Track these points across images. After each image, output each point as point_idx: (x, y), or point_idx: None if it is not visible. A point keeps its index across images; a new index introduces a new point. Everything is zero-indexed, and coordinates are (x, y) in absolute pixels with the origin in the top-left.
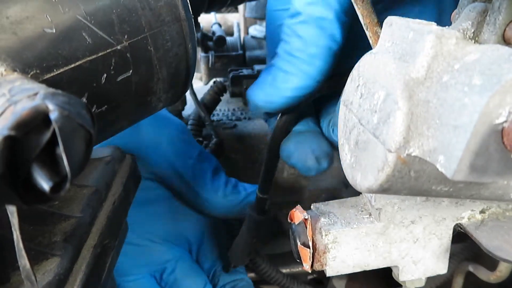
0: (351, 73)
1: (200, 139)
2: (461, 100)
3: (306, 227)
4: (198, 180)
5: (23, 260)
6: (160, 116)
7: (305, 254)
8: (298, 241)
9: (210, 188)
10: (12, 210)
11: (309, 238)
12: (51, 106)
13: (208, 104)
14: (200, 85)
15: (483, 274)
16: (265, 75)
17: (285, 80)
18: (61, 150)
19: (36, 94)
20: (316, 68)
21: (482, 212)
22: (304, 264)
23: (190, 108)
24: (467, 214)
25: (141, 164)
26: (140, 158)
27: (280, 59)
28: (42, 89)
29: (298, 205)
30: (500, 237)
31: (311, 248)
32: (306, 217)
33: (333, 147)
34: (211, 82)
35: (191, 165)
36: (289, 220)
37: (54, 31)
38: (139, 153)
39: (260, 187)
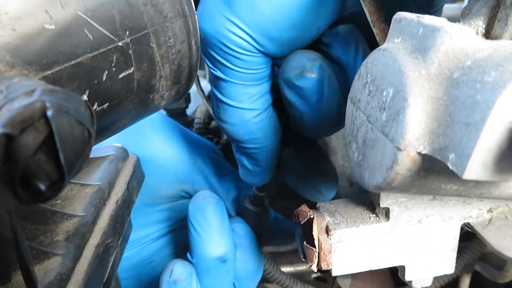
0: (358, 70)
1: (211, 136)
2: (473, 97)
3: (312, 226)
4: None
5: (23, 260)
6: (193, 138)
7: (311, 253)
8: (303, 240)
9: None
10: (10, 210)
11: (315, 237)
12: (48, 103)
13: None
14: (205, 82)
15: (490, 274)
16: (239, 167)
17: (252, 175)
18: (57, 147)
19: (33, 91)
20: (269, 162)
21: (489, 211)
22: (309, 264)
23: (193, 106)
24: (475, 213)
25: (176, 183)
26: (175, 177)
27: (241, 156)
28: (40, 86)
29: (304, 204)
30: (508, 237)
31: (316, 247)
32: (312, 216)
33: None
34: None
35: (227, 183)
36: (294, 219)
37: (54, 27)
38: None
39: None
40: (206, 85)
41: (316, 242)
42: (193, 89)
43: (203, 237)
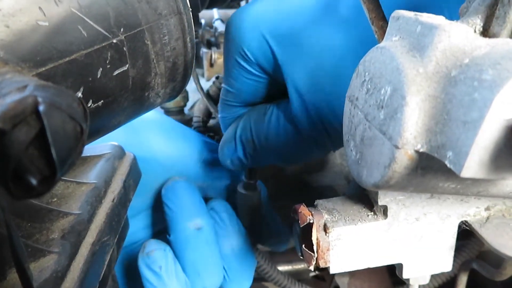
0: (356, 68)
1: (211, 134)
2: (471, 95)
3: (311, 230)
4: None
5: (17, 257)
6: (194, 137)
7: (309, 257)
8: (302, 242)
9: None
10: (3, 205)
11: (314, 243)
12: (40, 98)
13: (211, 100)
14: (203, 81)
15: (488, 272)
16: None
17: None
18: (49, 142)
19: (26, 86)
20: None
21: (487, 209)
22: (307, 262)
23: (189, 103)
24: (472, 211)
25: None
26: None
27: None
28: (32, 81)
29: (303, 204)
30: (505, 235)
31: (315, 245)
32: (312, 221)
33: None
34: (213, 78)
35: (230, 181)
36: (292, 214)
37: (47, 24)
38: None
39: (246, 174)
40: (205, 83)
41: (314, 240)
42: (192, 87)
43: (174, 210)
